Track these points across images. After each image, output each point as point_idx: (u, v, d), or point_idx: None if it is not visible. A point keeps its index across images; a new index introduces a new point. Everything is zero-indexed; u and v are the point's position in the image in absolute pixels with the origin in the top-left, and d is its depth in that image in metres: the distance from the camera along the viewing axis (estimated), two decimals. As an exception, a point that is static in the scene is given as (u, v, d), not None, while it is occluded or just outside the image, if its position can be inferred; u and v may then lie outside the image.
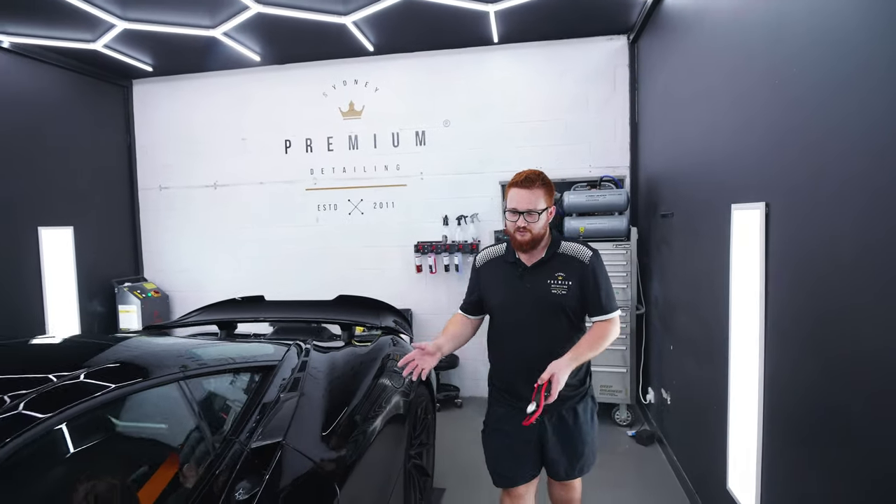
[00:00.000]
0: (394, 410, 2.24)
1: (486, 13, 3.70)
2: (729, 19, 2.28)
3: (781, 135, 1.79)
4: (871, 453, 1.33)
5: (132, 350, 1.61)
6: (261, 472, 1.43)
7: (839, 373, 1.46)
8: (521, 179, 1.87)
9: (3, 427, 1.02)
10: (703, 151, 2.64)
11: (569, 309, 1.89)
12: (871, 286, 1.32)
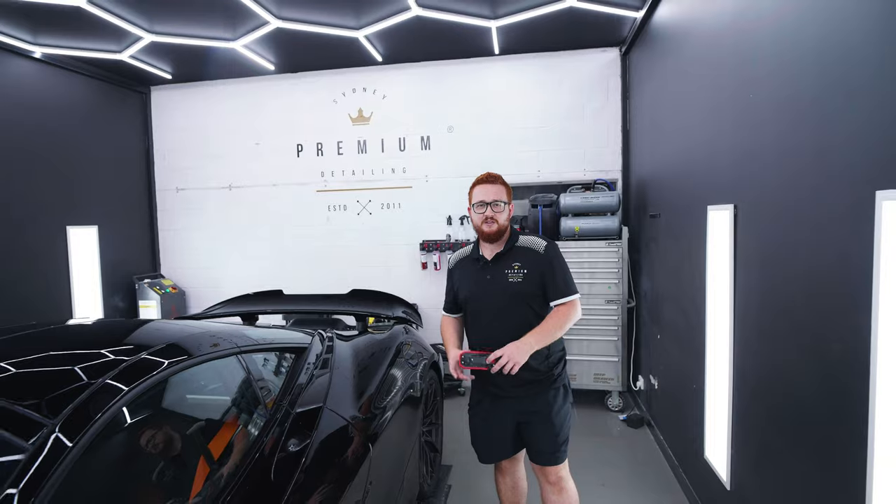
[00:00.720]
0: (410, 390, 2.52)
1: (488, 28, 3.99)
2: (706, 42, 2.57)
3: (746, 147, 2.08)
4: (815, 418, 1.62)
5: (192, 329, 1.88)
6: (306, 431, 1.71)
7: (793, 354, 1.75)
8: (484, 178, 2.12)
9: (136, 370, 1.30)
10: (685, 157, 2.93)
11: (526, 296, 2.05)
12: (818, 280, 1.61)
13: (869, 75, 1.34)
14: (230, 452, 1.50)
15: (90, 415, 1.13)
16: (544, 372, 2.10)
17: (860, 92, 1.37)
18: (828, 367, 1.53)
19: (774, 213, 1.86)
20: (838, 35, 1.47)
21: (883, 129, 1.28)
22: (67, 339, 1.70)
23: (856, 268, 1.36)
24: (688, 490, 2.86)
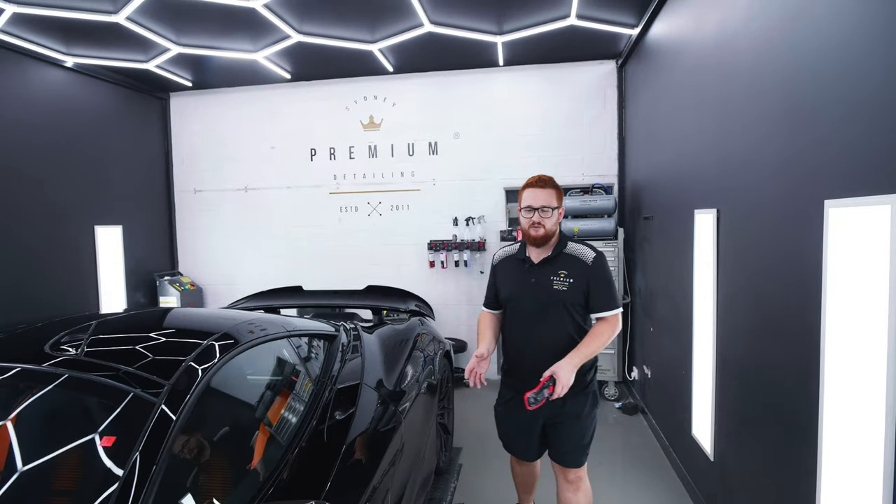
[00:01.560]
0: (428, 375, 2.80)
1: (494, 43, 4.28)
2: (693, 60, 2.87)
3: (726, 157, 2.38)
4: (781, 393, 1.92)
5: (244, 316, 2.16)
6: (348, 403, 1.99)
7: (765, 340, 2.05)
8: (535, 181, 2.10)
9: (220, 345, 1.58)
10: (675, 165, 3.23)
11: (569, 304, 2.05)
12: (781, 276, 1.91)
13: (823, 101, 1.63)
14: (290, 418, 1.78)
15: (193, 378, 1.41)
16: (577, 379, 2.07)
17: (815, 115, 1.67)
18: (790, 349, 1.82)
19: (747, 218, 2.16)
20: (800, 65, 1.76)
21: (831, 149, 1.58)
22: (148, 324, 1.97)
23: (810, 264, 1.66)
24: (676, 465, 3.16)
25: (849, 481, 1.50)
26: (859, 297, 1.43)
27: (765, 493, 2.06)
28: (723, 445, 2.48)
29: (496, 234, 4.96)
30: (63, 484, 1.10)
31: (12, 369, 1.38)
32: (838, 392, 1.54)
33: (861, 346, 1.43)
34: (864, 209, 1.40)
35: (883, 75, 1.35)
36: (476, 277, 5.12)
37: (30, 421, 1.23)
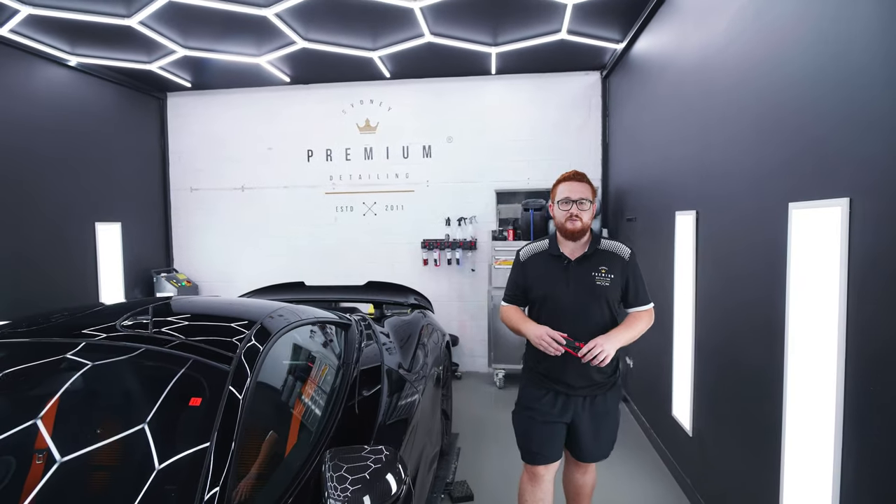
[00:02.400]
0: (435, 362, 3.03)
1: (488, 53, 4.54)
2: (675, 74, 3.17)
3: (706, 163, 2.68)
4: (749, 373, 2.21)
5: (275, 304, 2.35)
6: (373, 382, 2.20)
7: (736, 327, 2.34)
8: (571, 174, 2.11)
9: (268, 326, 1.77)
10: (657, 169, 3.53)
11: (611, 299, 2.07)
12: (751, 270, 2.20)
13: (788, 117, 1.92)
14: (324, 394, 1.99)
15: (254, 350, 1.61)
16: (610, 374, 2.13)
17: (782, 128, 1.96)
18: (759, 334, 2.11)
19: (723, 218, 2.45)
20: (771, 86, 2.05)
21: (795, 158, 1.87)
22: (195, 308, 2.14)
23: (777, 259, 1.94)
24: (657, 445, 3.46)
25: (807, 446, 1.79)
26: (816, 287, 1.72)
27: (737, 461, 2.34)
28: (700, 423, 2.77)
29: (487, 233, 5.21)
30: (165, 433, 1.29)
31: (93, 344, 1.56)
32: (799, 371, 1.83)
33: (818, 331, 1.72)
34: (820, 210, 1.69)
35: (836, 97, 1.64)
36: (467, 275, 5.36)
37: (126, 385, 1.41)
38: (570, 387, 2.11)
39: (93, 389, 1.44)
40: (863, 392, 1.53)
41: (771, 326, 2.00)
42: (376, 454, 1.36)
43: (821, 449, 1.70)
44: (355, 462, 1.31)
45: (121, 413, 1.42)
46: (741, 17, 2.29)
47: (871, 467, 1.50)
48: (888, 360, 1.43)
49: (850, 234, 1.56)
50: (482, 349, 5.31)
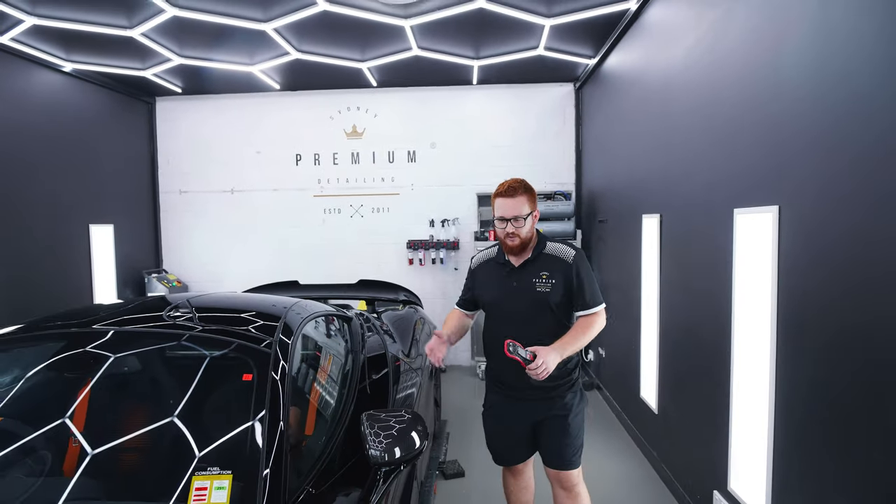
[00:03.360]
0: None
1: (471, 66, 4.85)
2: (642, 94, 3.54)
3: (667, 171, 3.04)
4: (705, 354, 2.58)
5: (289, 300, 2.59)
6: (379, 367, 2.48)
7: (694, 314, 2.71)
8: (504, 189, 2.03)
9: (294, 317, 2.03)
10: (626, 175, 3.90)
11: (553, 305, 2.01)
12: (705, 265, 2.57)
13: (735, 133, 2.28)
14: (339, 377, 2.26)
15: (289, 336, 1.86)
16: (563, 376, 2.09)
17: (730, 143, 2.32)
18: (711, 320, 2.47)
19: (683, 221, 2.82)
20: (719, 105, 2.42)
21: (740, 170, 2.23)
22: (225, 303, 2.37)
23: (724, 256, 2.30)
24: (627, 425, 3.83)
25: (749, 414, 2.15)
26: (755, 280, 2.08)
27: (696, 433, 2.71)
28: (665, 401, 3.14)
29: (470, 234, 5.52)
30: (230, 400, 1.54)
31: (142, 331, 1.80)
32: (742, 353, 2.19)
33: (756, 317, 2.08)
34: (757, 215, 2.05)
35: (768, 122, 2.00)
36: (451, 273, 5.66)
37: (190, 364, 1.66)
38: (519, 390, 2.09)
39: (165, 368, 1.68)
40: (789, 368, 1.89)
41: (720, 316, 2.36)
42: (398, 417, 1.64)
43: (758, 417, 2.07)
44: (384, 423, 1.59)
45: (193, 384, 1.66)
46: (697, 48, 2.65)
47: (795, 429, 1.87)
48: (809, 342, 1.79)
49: (779, 236, 1.92)
50: (465, 343, 5.62)
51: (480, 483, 3.19)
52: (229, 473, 1.32)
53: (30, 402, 1.59)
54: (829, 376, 1.69)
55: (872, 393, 1.51)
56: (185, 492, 1.27)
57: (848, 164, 1.60)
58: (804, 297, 1.81)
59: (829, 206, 1.68)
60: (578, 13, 3.68)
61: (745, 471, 2.20)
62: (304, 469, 1.53)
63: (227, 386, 1.61)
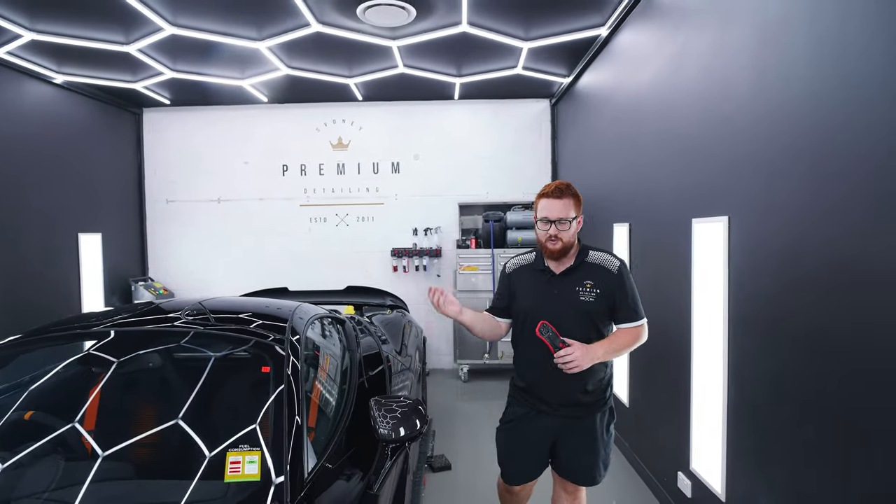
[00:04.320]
0: (418, 350, 3.52)
1: (453, 83, 5.12)
2: (613, 113, 3.85)
3: (636, 184, 3.34)
4: (669, 350, 2.86)
5: (292, 304, 2.78)
6: (375, 364, 2.68)
7: (661, 313, 2.99)
8: (551, 190, 1.94)
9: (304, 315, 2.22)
10: (599, 188, 4.20)
11: (595, 316, 1.94)
12: (668, 270, 2.86)
13: (693, 150, 2.58)
14: (339, 373, 2.45)
15: (297, 335, 2.06)
16: (598, 394, 2.02)
17: (690, 160, 2.62)
18: (674, 318, 2.76)
19: (649, 229, 3.11)
20: (679, 124, 2.72)
21: (695, 183, 2.52)
22: (231, 306, 2.54)
23: (684, 261, 2.59)
24: (602, 420, 4.10)
25: (706, 401, 2.43)
26: (710, 281, 2.36)
27: (662, 420, 2.99)
28: (635, 394, 3.42)
29: (452, 242, 5.77)
30: (246, 392, 1.73)
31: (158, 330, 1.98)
32: (700, 345, 2.48)
33: (711, 313, 2.36)
34: (711, 224, 2.34)
35: (720, 143, 2.30)
36: (433, 280, 5.89)
37: (211, 359, 1.84)
38: (550, 405, 2.01)
39: (195, 363, 1.86)
40: (739, 359, 2.18)
41: (682, 313, 2.65)
42: (400, 403, 1.86)
43: (714, 403, 2.34)
44: (389, 407, 1.80)
45: (219, 375, 1.84)
46: (659, 75, 2.96)
47: (744, 412, 2.15)
48: (754, 334, 2.08)
49: (729, 242, 2.21)
50: (447, 347, 5.84)
51: (466, 475, 3.40)
52: (258, 450, 1.52)
53: (76, 393, 1.76)
54: (770, 364, 1.97)
55: (806, 376, 1.79)
56: (222, 465, 1.46)
57: (780, 181, 1.89)
58: (750, 295, 2.10)
59: (766, 215, 1.98)
60: (554, 37, 3.98)
61: (704, 452, 2.48)
62: (319, 449, 1.74)
63: (249, 377, 1.80)
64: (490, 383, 5.39)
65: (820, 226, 1.70)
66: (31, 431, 1.60)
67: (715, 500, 2.35)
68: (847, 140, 1.58)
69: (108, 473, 1.46)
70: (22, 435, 1.60)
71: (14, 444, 1.55)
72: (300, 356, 1.93)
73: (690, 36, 2.60)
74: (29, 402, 1.69)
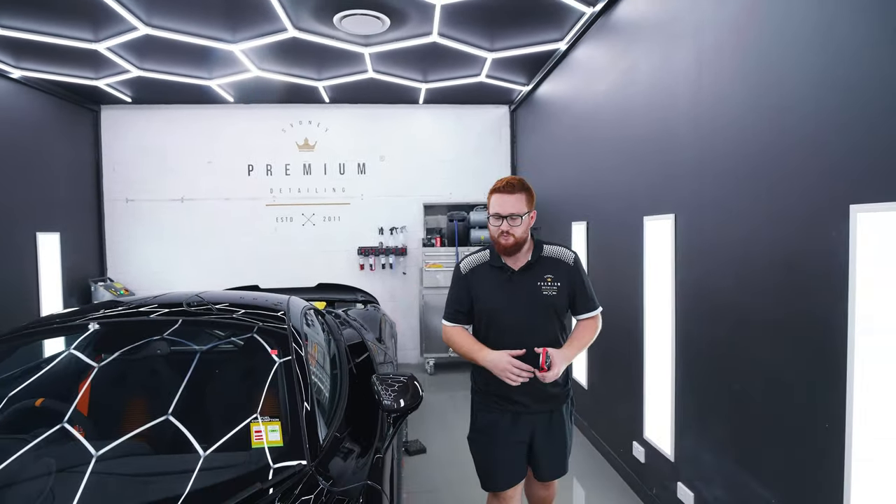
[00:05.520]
0: (393, 343, 3.73)
1: (419, 88, 5.34)
2: (571, 120, 4.19)
3: (591, 185, 3.69)
4: (623, 334, 3.20)
5: (282, 297, 2.92)
6: (359, 353, 2.87)
7: (615, 306, 3.34)
8: (502, 185, 1.92)
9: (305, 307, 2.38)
10: (557, 189, 4.55)
11: (559, 308, 1.97)
12: (622, 265, 3.20)
13: (642, 158, 2.93)
14: (327, 360, 2.63)
15: (294, 321, 2.23)
16: (563, 385, 2.05)
17: (639, 165, 2.96)
18: (628, 308, 3.10)
19: (605, 227, 3.46)
20: (628, 134, 3.06)
21: (647, 185, 2.87)
22: (223, 298, 2.66)
23: (637, 255, 2.93)
24: (562, 404, 4.44)
25: (657, 378, 2.77)
26: (659, 273, 2.71)
27: (618, 398, 3.33)
28: (593, 378, 3.76)
29: (417, 241, 5.99)
30: (255, 373, 1.90)
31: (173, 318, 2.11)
32: (652, 329, 2.82)
33: (660, 302, 2.71)
34: (660, 222, 2.69)
35: (666, 151, 2.65)
36: (399, 278, 6.09)
37: (223, 343, 1.99)
38: (526, 406, 2.00)
39: (199, 348, 2.00)
40: (683, 339, 2.53)
41: (636, 303, 2.99)
42: (397, 378, 2.07)
43: (664, 379, 2.69)
44: (389, 382, 2.02)
45: (232, 357, 1.98)
46: (616, 84, 3.31)
47: (690, 385, 2.50)
48: (695, 317, 2.43)
49: (675, 237, 2.56)
50: (413, 342, 6.05)
51: (439, 458, 3.64)
52: (277, 420, 1.70)
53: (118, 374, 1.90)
54: (709, 341, 2.32)
55: (737, 353, 2.14)
56: (248, 435, 1.64)
57: (710, 182, 2.24)
58: (692, 283, 2.45)
59: (703, 214, 2.33)
60: (517, 49, 4.29)
61: (655, 422, 2.82)
62: (327, 420, 1.93)
63: (260, 359, 1.96)
64: (454, 375, 5.65)
65: (743, 219, 2.05)
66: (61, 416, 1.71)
67: (666, 462, 2.70)
68: (758, 148, 1.93)
69: (152, 442, 1.61)
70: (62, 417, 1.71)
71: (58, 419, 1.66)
72: (301, 340, 2.11)
73: (640, 55, 2.95)
74: (52, 387, 1.79)
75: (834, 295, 1.60)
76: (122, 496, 1.46)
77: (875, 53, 1.48)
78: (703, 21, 2.34)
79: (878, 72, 1.47)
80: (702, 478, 2.41)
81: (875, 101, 1.48)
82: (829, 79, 1.65)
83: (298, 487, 1.50)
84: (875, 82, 1.48)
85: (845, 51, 1.59)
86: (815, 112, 1.71)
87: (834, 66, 1.63)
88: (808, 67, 1.74)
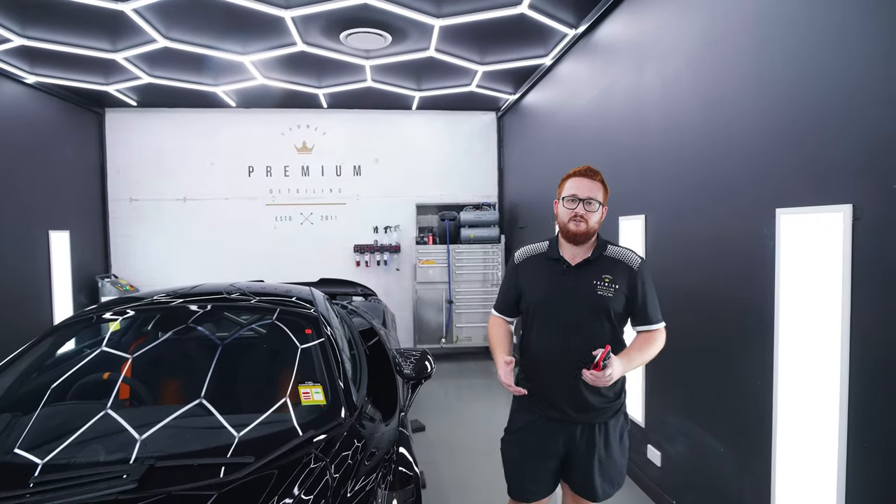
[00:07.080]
0: (395, 331, 4.09)
1: (413, 95, 5.71)
2: (556, 127, 4.60)
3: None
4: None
5: (306, 287, 3.26)
6: (371, 337, 3.23)
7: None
8: (583, 169, 1.85)
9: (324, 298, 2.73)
10: (539, 191, 4.96)
11: (613, 312, 1.81)
12: (601, 253, 3.62)
13: (622, 164, 3.35)
14: (349, 338, 2.99)
15: (325, 307, 2.58)
16: (612, 399, 1.86)
17: (618, 170, 3.38)
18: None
19: (587, 226, 3.87)
20: (609, 142, 3.48)
21: (623, 190, 3.29)
22: (258, 289, 2.99)
23: (615, 247, 3.35)
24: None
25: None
26: (633, 261, 3.12)
27: (597, 376, 3.75)
28: (575, 361, 4.17)
29: (410, 239, 6.35)
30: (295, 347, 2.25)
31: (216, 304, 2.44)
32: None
33: (634, 284, 3.12)
34: (633, 221, 3.11)
35: (640, 161, 3.07)
36: (393, 274, 6.44)
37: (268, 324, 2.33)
38: (562, 412, 1.84)
39: (261, 327, 2.34)
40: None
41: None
42: (412, 353, 2.45)
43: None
44: (406, 356, 2.39)
45: (278, 333, 2.33)
46: (596, 98, 3.73)
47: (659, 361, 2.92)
48: (666, 306, 2.85)
49: (646, 234, 2.98)
50: (407, 336, 6.41)
51: (438, 435, 4.01)
52: (319, 384, 2.06)
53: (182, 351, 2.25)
54: (674, 321, 2.74)
55: (703, 332, 2.56)
56: (297, 395, 1.99)
57: (674, 186, 2.67)
58: (662, 274, 2.87)
59: (667, 214, 2.75)
60: (505, 63, 4.68)
61: (632, 397, 3.23)
62: (357, 387, 2.29)
63: (300, 337, 2.31)
64: (447, 364, 6.02)
65: (700, 218, 2.48)
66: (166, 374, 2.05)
67: (638, 429, 3.12)
68: (710, 157, 2.35)
69: (229, 400, 1.97)
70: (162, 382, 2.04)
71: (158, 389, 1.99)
72: (330, 321, 2.47)
73: (618, 72, 3.37)
74: (160, 358, 2.15)
75: (766, 281, 2.02)
76: (206, 438, 1.79)
77: (801, 83, 1.91)
78: (667, 50, 2.76)
79: (802, 101, 1.90)
80: (668, 439, 2.84)
81: (799, 119, 1.91)
82: (764, 100, 2.08)
83: (337, 444, 1.83)
84: (798, 103, 1.91)
85: (779, 83, 2.01)
86: (752, 128, 2.14)
87: (766, 97, 2.06)
88: (747, 91, 2.16)
